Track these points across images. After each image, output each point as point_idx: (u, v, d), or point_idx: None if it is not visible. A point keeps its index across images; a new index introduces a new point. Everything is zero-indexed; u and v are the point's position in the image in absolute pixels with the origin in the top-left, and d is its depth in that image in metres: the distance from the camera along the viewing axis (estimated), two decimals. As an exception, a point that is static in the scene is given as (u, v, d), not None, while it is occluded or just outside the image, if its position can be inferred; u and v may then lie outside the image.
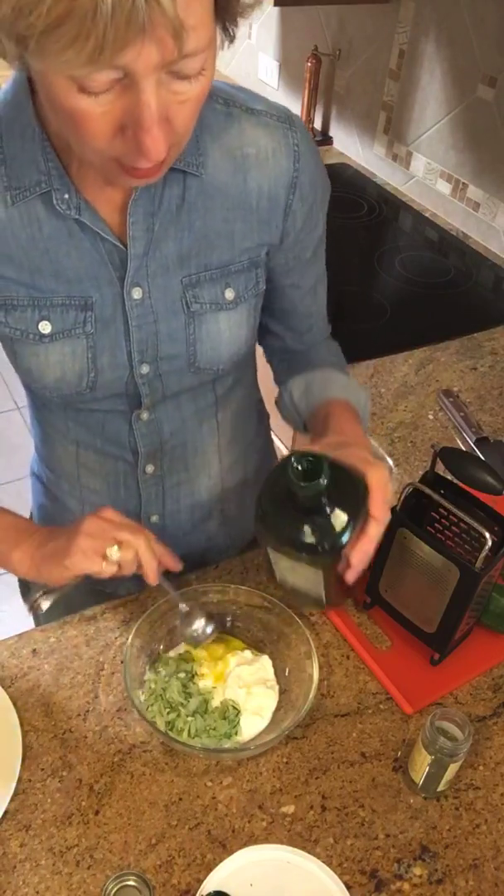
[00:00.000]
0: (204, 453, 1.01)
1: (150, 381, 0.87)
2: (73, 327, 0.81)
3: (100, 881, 0.75)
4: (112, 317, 0.82)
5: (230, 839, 0.78)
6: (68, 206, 0.75)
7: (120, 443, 0.95)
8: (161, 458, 0.97)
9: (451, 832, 0.81)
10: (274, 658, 0.93)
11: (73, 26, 0.50)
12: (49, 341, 0.81)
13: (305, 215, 0.86)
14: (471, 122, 1.82)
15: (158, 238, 0.79)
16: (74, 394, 0.85)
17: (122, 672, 0.89)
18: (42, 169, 0.73)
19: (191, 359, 0.87)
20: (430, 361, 1.47)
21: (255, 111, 0.81)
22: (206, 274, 0.83)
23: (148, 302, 0.82)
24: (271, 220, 0.84)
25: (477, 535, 0.87)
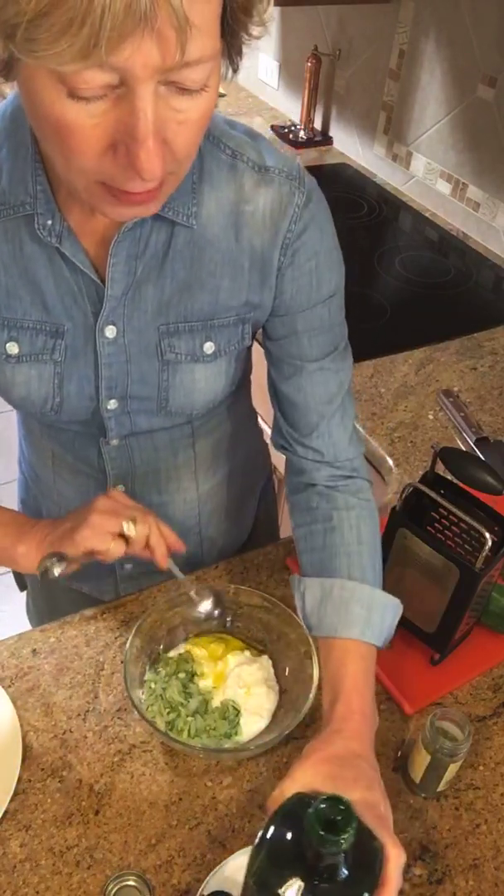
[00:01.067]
0: (178, 479, 0.99)
1: (118, 416, 0.86)
2: (42, 352, 0.79)
3: (100, 881, 0.75)
4: (83, 349, 0.80)
5: (230, 839, 0.78)
6: (49, 232, 0.72)
7: (89, 462, 0.94)
8: (133, 481, 0.96)
9: (451, 832, 0.81)
10: (274, 658, 0.93)
11: (65, 12, 0.45)
12: (15, 362, 0.79)
13: (297, 287, 0.80)
14: (471, 122, 1.82)
15: (139, 282, 0.76)
16: (39, 413, 0.84)
17: (122, 672, 0.89)
18: (29, 190, 0.70)
19: (162, 403, 0.85)
20: (430, 361, 1.47)
21: (264, 168, 0.76)
22: (186, 325, 0.80)
23: (122, 342, 0.79)
24: (263, 281, 0.80)
25: (477, 535, 0.87)
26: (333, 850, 0.55)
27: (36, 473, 1.04)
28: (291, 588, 0.87)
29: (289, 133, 2.35)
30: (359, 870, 0.59)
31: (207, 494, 1.04)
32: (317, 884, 0.57)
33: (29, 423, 0.98)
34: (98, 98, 0.52)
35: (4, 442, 1.01)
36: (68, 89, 0.51)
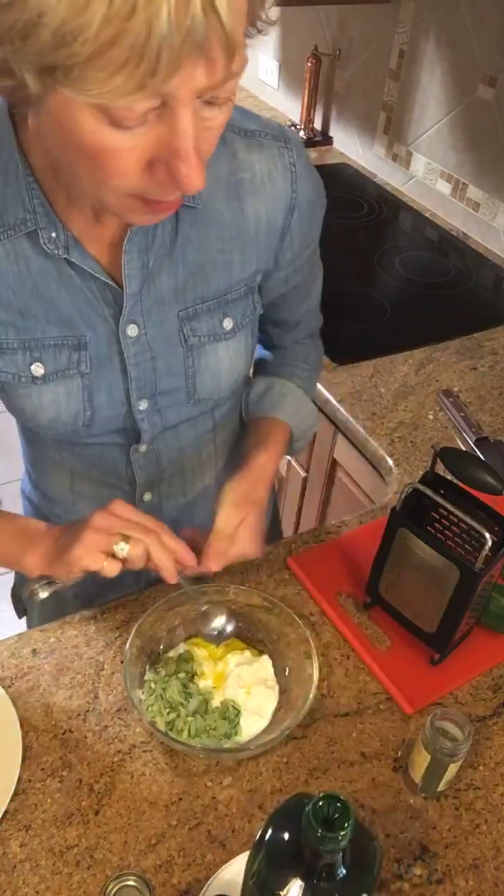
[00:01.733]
0: (202, 477, 1.00)
1: (149, 416, 0.86)
2: (67, 368, 0.78)
3: (100, 881, 0.74)
4: (107, 355, 0.79)
5: (230, 839, 0.78)
6: (56, 245, 0.71)
7: (117, 474, 0.93)
8: (159, 487, 0.96)
9: (451, 832, 0.81)
10: (274, 658, 0.93)
11: (123, 50, 0.45)
12: (42, 383, 0.78)
13: (303, 233, 0.85)
14: (471, 122, 1.82)
15: (153, 274, 0.77)
16: (70, 432, 0.83)
17: (122, 672, 0.89)
18: (27, 206, 0.70)
19: (190, 391, 0.86)
20: (430, 361, 1.47)
21: (249, 132, 0.77)
22: (203, 306, 0.81)
23: (144, 339, 0.80)
24: (269, 246, 0.83)
25: (477, 535, 0.87)
26: (332, 848, 0.55)
27: (49, 500, 1.02)
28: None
29: (289, 133, 2.35)
30: (357, 869, 0.59)
31: None
32: (316, 883, 0.57)
33: (41, 449, 0.95)
34: (140, 124, 0.52)
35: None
36: (110, 119, 0.51)
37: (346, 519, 1.14)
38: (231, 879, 0.74)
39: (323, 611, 1.00)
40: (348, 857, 0.58)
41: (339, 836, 0.54)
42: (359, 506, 1.41)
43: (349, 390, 1.38)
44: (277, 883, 0.58)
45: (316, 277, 0.96)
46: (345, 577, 1.03)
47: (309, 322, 1.02)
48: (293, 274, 0.89)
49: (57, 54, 0.46)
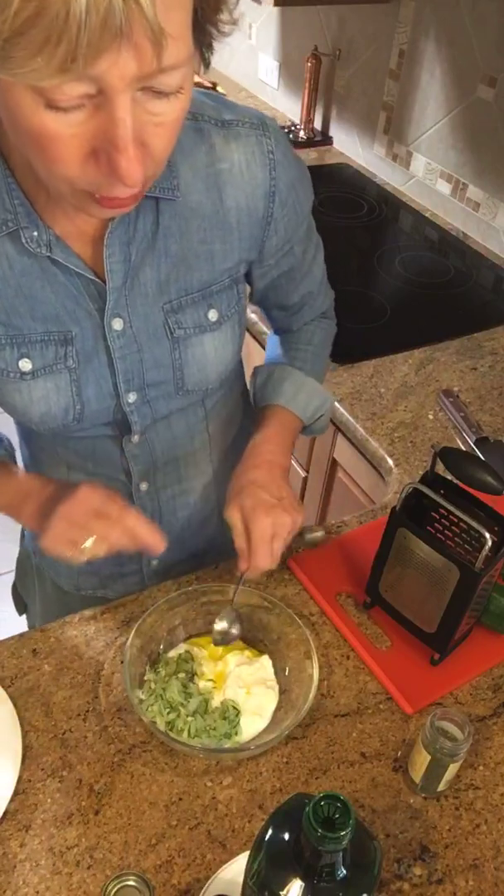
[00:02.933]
0: (196, 464, 1.00)
1: (139, 408, 0.86)
2: (55, 363, 0.79)
3: (100, 881, 0.74)
4: (94, 349, 0.80)
5: (230, 839, 0.78)
6: (38, 243, 0.72)
7: (112, 465, 0.94)
8: (154, 476, 0.97)
9: (451, 832, 0.81)
10: (274, 658, 0.93)
11: (42, 30, 0.45)
12: (31, 378, 0.79)
13: (288, 218, 0.85)
14: (471, 122, 1.82)
15: (136, 267, 0.77)
16: (61, 426, 0.84)
17: (122, 672, 0.89)
18: (7, 206, 0.70)
19: (178, 383, 0.86)
20: (430, 361, 1.47)
21: (226, 122, 0.78)
22: (188, 298, 0.82)
23: (130, 332, 0.80)
24: (252, 234, 0.83)
25: (477, 535, 0.87)
26: (332, 848, 0.55)
27: None
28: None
29: (289, 133, 2.35)
30: (357, 869, 0.58)
31: (223, 475, 1.05)
32: (316, 884, 0.57)
33: (37, 443, 0.97)
34: (76, 108, 0.52)
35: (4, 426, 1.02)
36: (46, 101, 0.51)
37: (346, 519, 1.14)
38: (231, 879, 0.74)
39: (323, 611, 1.00)
40: (348, 858, 0.57)
41: (340, 836, 0.54)
42: (359, 506, 1.41)
43: (349, 390, 1.38)
44: (278, 883, 0.58)
45: (314, 257, 0.95)
46: (345, 577, 1.03)
47: (314, 303, 1.02)
48: (283, 258, 0.89)
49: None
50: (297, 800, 0.62)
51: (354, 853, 0.58)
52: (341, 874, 0.57)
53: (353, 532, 1.11)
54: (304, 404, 0.99)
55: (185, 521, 1.05)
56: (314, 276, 0.98)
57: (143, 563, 1.06)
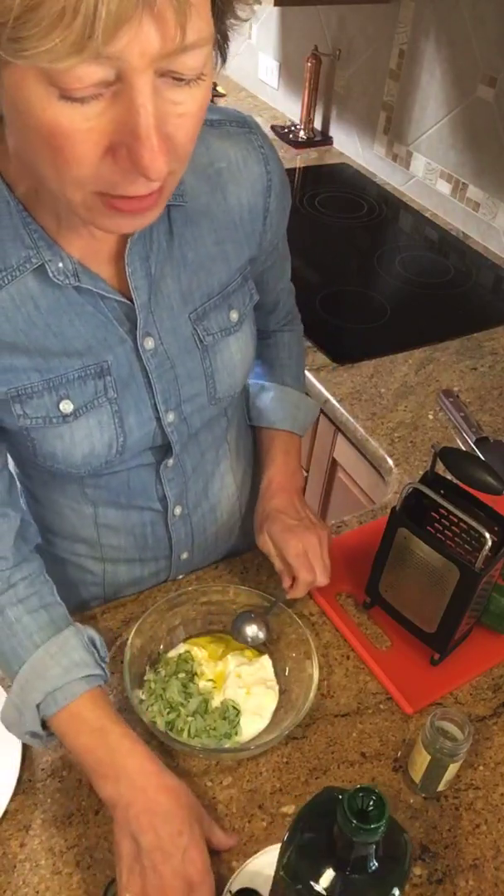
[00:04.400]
0: (222, 477, 0.99)
1: (178, 427, 0.84)
2: (95, 397, 0.76)
3: (100, 881, 0.74)
4: (130, 374, 0.77)
5: (230, 839, 0.78)
6: (65, 275, 0.69)
7: (146, 494, 0.91)
8: (186, 498, 0.95)
9: (451, 832, 0.81)
10: (274, 658, 0.93)
11: (57, 1, 0.41)
12: (73, 419, 0.75)
13: (280, 211, 0.86)
14: (471, 122, 1.82)
15: (157, 280, 0.75)
16: (103, 464, 0.80)
17: (122, 672, 0.89)
18: (27, 243, 0.67)
19: (211, 392, 0.85)
20: (430, 361, 1.47)
21: (216, 122, 0.78)
22: (211, 303, 0.81)
23: (161, 349, 0.78)
24: (254, 230, 0.83)
25: (477, 535, 0.87)
26: (367, 840, 0.56)
27: (70, 540, 0.96)
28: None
29: (289, 133, 2.35)
30: (388, 862, 0.59)
31: (242, 482, 1.06)
32: (348, 875, 0.58)
33: (59, 490, 0.90)
34: (93, 98, 0.48)
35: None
36: (60, 90, 0.48)
37: (346, 519, 1.14)
38: (257, 871, 0.74)
39: (323, 611, 1.00)
40: (380, 850, 0.58)
41: (375, 828, 0.55)
42: (359, 506, 1.41)
43: (349, 390, 1.38)
44: (310, 875, 0.59)
45: (286, 252, 0.98)
46: (345, 577, 1.03)
47: (286, 301, 1.04)
48: (271, 253, 0.91)
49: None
50: (328, 793, 0.62)
51: (386, 846, 0.59)
52: (373, 867, 0.58)
53: (353, 532, 1.11)
54: (303, 422, 1.06)
55: (213, 536, 1.03)
56: (286, 273, 1.01)
57: (174, 556, 1.02)
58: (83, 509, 0.92)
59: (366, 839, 0.56)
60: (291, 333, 1.09)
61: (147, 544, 0.97)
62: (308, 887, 0.58)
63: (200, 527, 1.00)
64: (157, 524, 0.95)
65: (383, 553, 0.94)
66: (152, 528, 0.95)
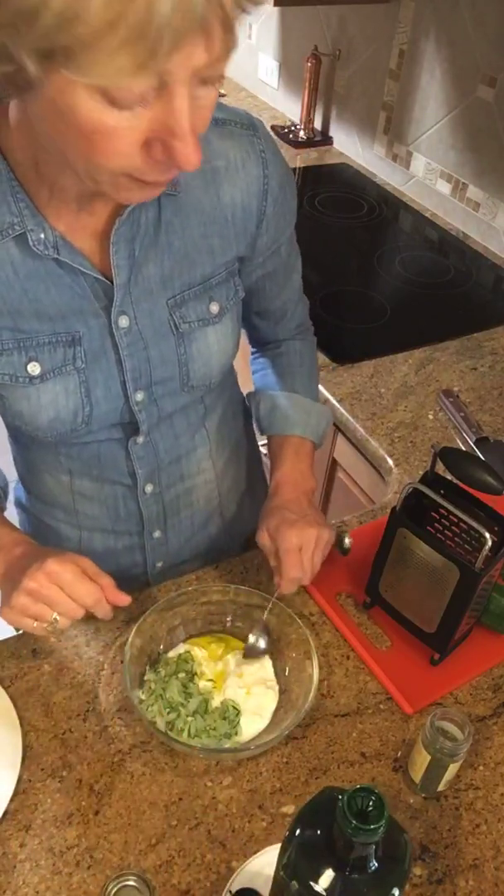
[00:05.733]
0: (198, 461, 1.01)
1: (146, 407, 0.87)
2: (63, 364, 0.79)
3: (100, 881, 0.75)
4: (101, 348, 0.80)
5: (230, 839, 0.78)
6: (45, 245, 0.71)
7: (117, 469, 0.94)
8: (159, 477, 0.97)
9: (451, 832, 0.81)
10: (274, 658, 0.93)
11: (124, 31, 0.46)
12: (39, 382, 0.78)
13: (278, 216, 0.87)
14: (471, 122, 1.82)
15: (139, 263, 0.77)
16: (69, 431, 0.83)
17: (122, 672, 0.89)
18: (13, 210, 0.69)
19: (184, 379, 0.86)
20: (430, 361, 1.47)
21: (220, 121, 0.79)
22: (190, 292, 0.83)
23: (136, 328, 0.80)
24: (246, 230, 0.85)
25: (477, 535, 0.87)
26: (367, 840, 0.56)
27: (49, 505, 1.01)
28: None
29: (289, 133, 2.35)
30: (388, 862, 0.59)
31: (223, 470, 1.06)
32: (348, 875, 0.58)
33: (37, 453, 0.95)
34: (137, 104, 0.53)
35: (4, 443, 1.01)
36: (109, 99, 0.52)
37: (346, 519, 1.14)
38: (256, 872, 0.74)
39: (323, 611, 1.00)
40: (380, 850, 0.58)
41: (375, 828, 0.55)
42: (359, 506, 1.41)
43: (349, 390, 1.38)
44: (310, 875, 0.59)
45: (294, 263, 0.98)
46: (345, 577, 1.03)
47: (295, 311, 1.04)
48: (270, 258, 0.91)
49: (59, 38, 0.47)
50: (328, 793, 0.62)
51: (386, 846, 0.59)
52: (373, 867, 0.58)
53: (353, 532, 1.11)
54: (315, 427, 1.04)
55: (188, 520, 1.05)
56: (294, 283, 1.01)
57: (148, 566, 1.06)
58: (60, 476, 0.95)
59: (365, 839, 0.56)
60: (303, 342, 1.09)
61: (119, 516, 0.99)
62: (308, 887, 0.58)
63: (174, 507, 1.02)
64: (128, 498, 0.97)
65: (383, 553, 0.94)
66: (124, 502, 0.97)
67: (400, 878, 0.60)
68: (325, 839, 0.59)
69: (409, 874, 0.61)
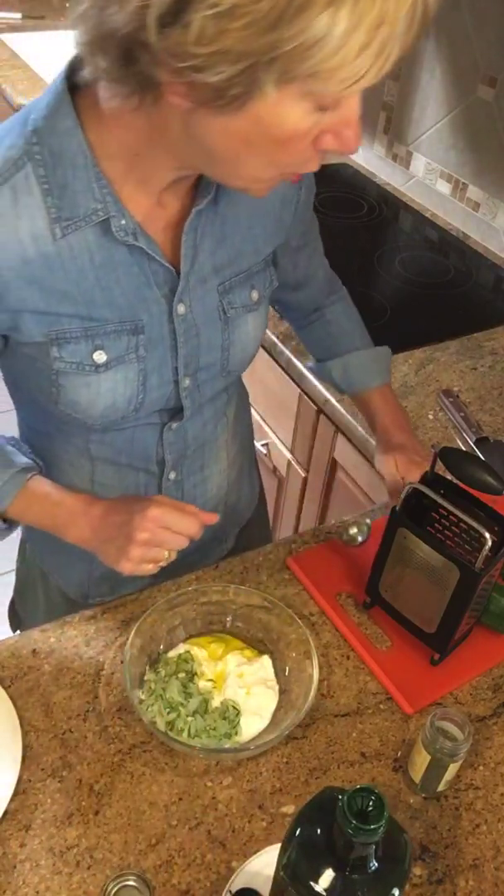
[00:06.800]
0: (217, 450, 1.02)
1: (191, 393, 0.89)
2: (126, 353, 0.80)
3: (100, 881, 0.75)
4: (160, 336, 0.82)
5: (230, 839, 0.78)
6: (126, 232, 0.73)
7: (146, 456, 0.94)
8: (182, 464, 0.98)
9: (451, 832, 0.81)
10: (274, 658, 0.93)
11: (379, 43, 0.54)
12: (104, 370, 0.80)
13: (307, 203, 0.92)
14: (471, 122, 1.82)
15: (198, 251, 0.81)
16: (120, 418, 0.85)
17: (122, 672, 0.89)
18: (97, 196, 0.71)
19: (224, 364, 0.89)
20: (430, 361, 1.47)
21: None
22: (236, 279, 0.86)
23: (190, 316, 0.83)
24: (283, 219, 0.88)
25: (477, 535, 0.87)
26: (367, 840, 0.56)
27: None
28: (317, 376, 1.19)
29: (289, 133, 2.35)
30: (388, 862, 0.59)
31: (234, 459, 1.08)
32: (348, 875, 0.58)
33: (64, 442, 0.94)
34: (337, 103, 0.58)
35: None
36: (320, 105, 0.58)
37: (346, 519, 1.14)
38: (256, 872, 0.74)
39: (323, 611, 1.00)
40: (380, 850, 0.58)
41: (374, 828, 0.55)
42: (359, 506, 1.41)
43: (349, 390, 1.38)
44: (310, 875, 0.59)
45: (317, 233, 1.03)
46: (345, 577, 1.03)
47: (325, 268, 1.09)
48: (300, 237, 0.97)
49: (319, 67, 0.54)
50: (328, 793, 0.63)
51: (386, 846, 0.59)
52: (373, 867, 0.58)
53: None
54: (386, 371, 1.12)
55: (202, 508, 1.05)
56: (319, 243, 1.05)
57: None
58: (82, 465, 0.95)
59: (365, 839, 0.56)
60: (341, 301, 1.13)
61: None
62: (308, 887, 0.58)
63: (191, 496, 1.02)
64: (150, 487, 0.98)
65: (383, 553, 0.94)
66: (145, 490, 0.98)
67: (400, 878, 0.60)
68: (325, 839, 0.59)
69: (409, 874, 0.61)
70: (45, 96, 0.69)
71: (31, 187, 0.69)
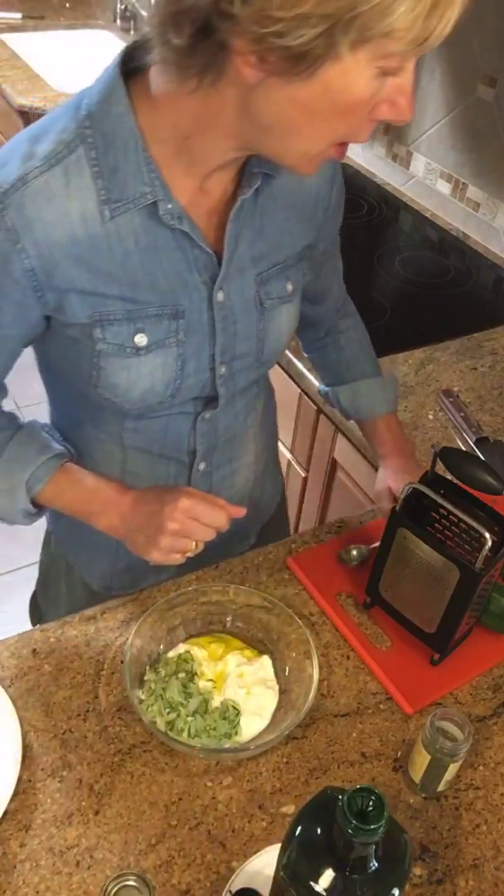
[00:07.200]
0: (246, 443, 1.03)
1: (226, 381, 0.89)
2: (166, 337, 0.81)
3: (100, 881, 0.75)
4: (199, 322, 0.82)
5: (230, 839, 0.78)
6: (172, 215, 0.74)
7: (178, 446, 0.95)
8: (212, 455, 0.98)
9: (451, 832, 0.81)
10: (274, 658, 0.93)
11: (435, 19, 0.56)
12: (144, 353, 0.80)
13: (338, 207, 0.93)
14: (471, 122, 1.82)
15: (239, 240, 0.82)
16: (156, 403, 0.85)
17: (122, 672, 0.89)
18: (146, 180, 0.72)
19: (258, 354, 0.90)
20: (430, 361, 1.47)
21: None
22: (273, 270, 0.86)
23: (228, 304, 0.83)
24: (315, 216, 0.89)
25: (477, 535, 0.87)
26: (367, 840, 0.56)
27: None
28: (326, 400, 1.16)
29: (289, 133, 2.35)
30: (388, 862, 0.59)
31: (261, 453, 1.08)
32: (348, 875, 0.58)
33: (97, 429, 0.94)
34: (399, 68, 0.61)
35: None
36: (385, 68, 0.60)
37: (346, 519, 1.14)
38: (256, 872, 0.74)
39: (323, 611, 1.00)
40: (380, 850, 0.58)
41: (374, 828, 0.55)
42: (359, 506, 1.41)
43: (349, 390, 1.37)
44: (310, 875, 0.59)
45: (338, 242, 1.03)
46: (345, 577, 1.03)
47: (341, 290, 1.11)
48: (328, 246, 0.97)
49: (395, 24, 0.56)
50: (328, 793, 0.63)
51: (386, 846, 0.59)
52: (373, 867, 0.58)
53: (354, 532, 1.11)
54: (393, 400, 1.13)
55: (228, 501, 1.05)
56: (339, 261, 1.06)
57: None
58: (114, 453, 0.95)
59: (365, 839, 0.56)
60: (355, 326, 1.14)
61: None
62: (308, 887, 0.58)
63: (218, 488, 1.02)
64: (180, 477, 0.98)
65: (383, 553, 0.94)
66: (175, 481, 0.98)
67: (400, 878, 0.60)
68: (325, 839, 0.59)
69: (409, 874, 0.61)
70: (97, 83, 0.71)
71: (83, 169, 0.71)
